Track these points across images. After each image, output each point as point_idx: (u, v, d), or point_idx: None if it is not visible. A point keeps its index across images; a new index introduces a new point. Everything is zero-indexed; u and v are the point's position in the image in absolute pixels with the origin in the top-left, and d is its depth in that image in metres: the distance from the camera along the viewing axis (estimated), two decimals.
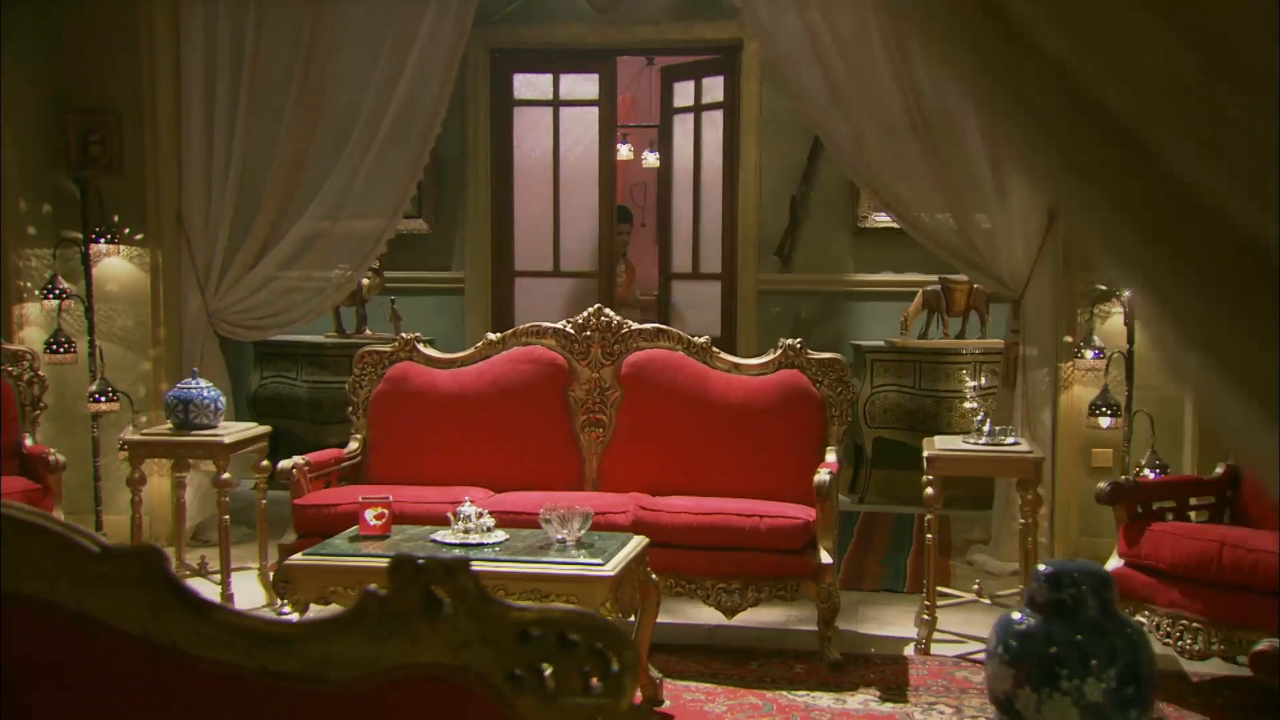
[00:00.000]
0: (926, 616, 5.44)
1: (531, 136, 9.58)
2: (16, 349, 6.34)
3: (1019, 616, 2.13)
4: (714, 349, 6.03)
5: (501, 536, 4.65)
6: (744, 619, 5.43)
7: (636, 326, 6.08)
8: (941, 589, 5.67)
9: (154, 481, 6.79)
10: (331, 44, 7.24)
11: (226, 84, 7.26)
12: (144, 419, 7.11)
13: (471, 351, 6.23)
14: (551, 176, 9.53)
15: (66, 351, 6.94)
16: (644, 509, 5.42)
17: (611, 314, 6.10)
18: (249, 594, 6.02)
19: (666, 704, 4.74)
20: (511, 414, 6.04)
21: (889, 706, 4.75)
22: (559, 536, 4.55)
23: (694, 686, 4.92)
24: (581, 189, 9.48)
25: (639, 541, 4.74)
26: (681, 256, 9.61)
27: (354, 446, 6.09)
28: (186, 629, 1.64)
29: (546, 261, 9.56)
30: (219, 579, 6.00)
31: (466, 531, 4.61)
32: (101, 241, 7.20)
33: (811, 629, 5.47)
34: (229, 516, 5.99)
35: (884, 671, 5.16)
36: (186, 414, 5.87)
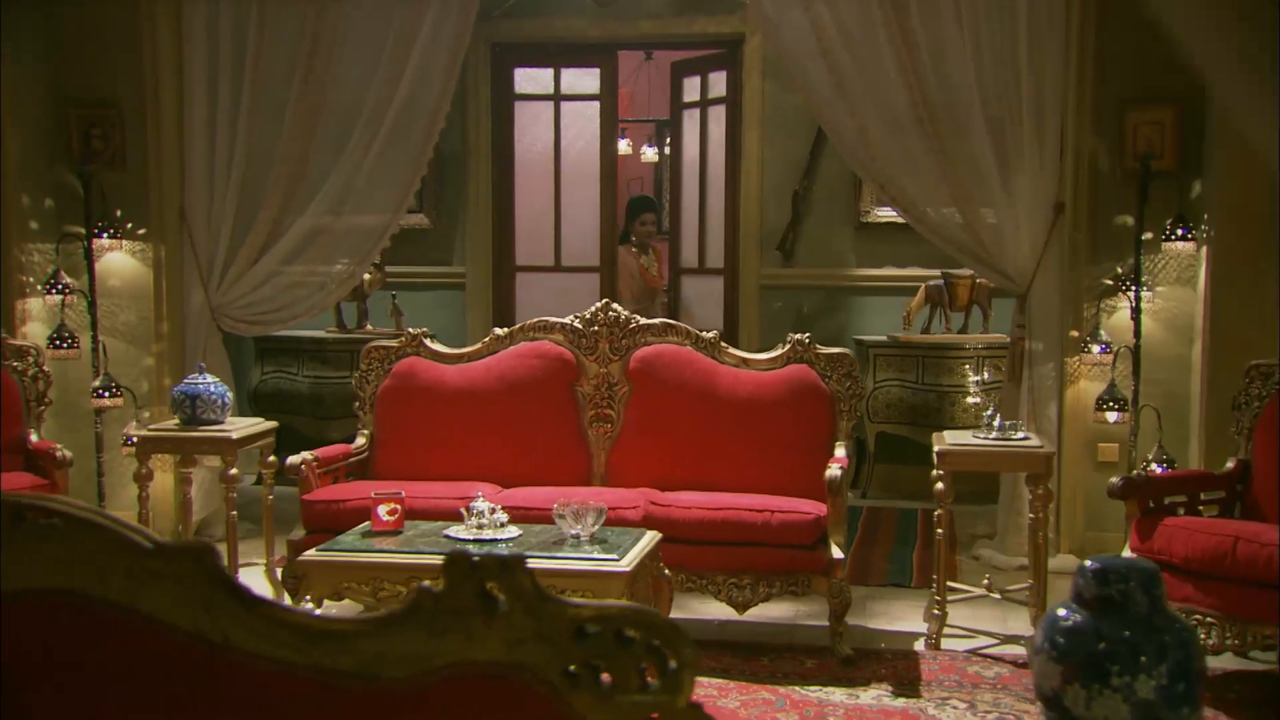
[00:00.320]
0: (937, 611, 5.44)
1: (532, 131, 9.56)
2: (21, 344, 6.32)
3: (1064, 613, 2.12)
4: (722, 344, 6.01)
5: (515, 532, 4.64)
6: (752, 614, 5.42)
7: (644, 321, 6.06)
8: (950, 584, 5.66)
9: (158, 477, 6.76)
10: (334, 40, 7.21)
11: (229, 79, 7.24)
12: (147, 414, 7.09)
13: (479, 346, 6.21)
14: (552, 171, 9.51)
15: (70, 347, 6.91)
16: (654, 504, 5.41)
17: (619, 309, 6.09)
18: (256, 590, 5.97)
19: None
20: (519, 409, 6.01)
21: (902, 702, 4.75)
22: (573, 532, 4.54)
23: (706, 682, 4.91)
24: (582, 184, 9.46)
25: (652, 537, 4.74)
26: (689, 251, 9.61)
27: (361, 442, 6.06)
28: (238, 625, 1.63)
29: (547, 256, 9.54)
30: None
31: (480, 527, 4.59)
32: (104, 236, 7.17)
33: (820, 624, 5.47)
34: (236, 512, 5.97)
35: (895, 667, 5.15)
36: (194, 409, 5.85)
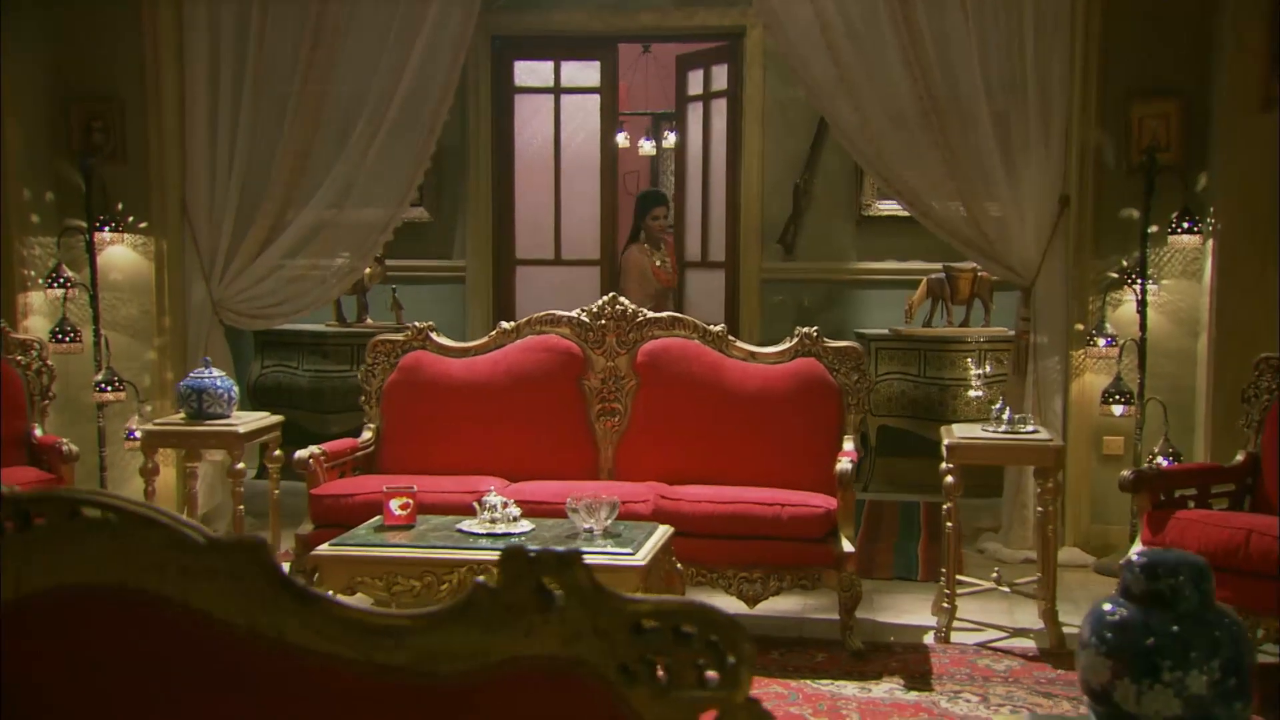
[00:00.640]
0: (946, 605, 5.44)
1: (532, 124, 9.54)
2: (25, 338, 6.28)
3: (1110, 607, 2.11)
4: (730, 337, 6.00)
5: (528, 526, 4.63)
6: (761, 608, 5.41)
7: (651, 315, 6.05)
8: (958, 577, 5.65)
9: (161, 472, 6.72)
10: (337, 32, 7.18)
11: (231, 71, 7.21)
12: (149, 408, 7.07)
13: (485, 340, 6.19)
14: (553, 164, 9.49)
15: (72, 341, 6.89)
16: (664, 498, 5.40)
17: (626, 302, 6.07)
18: None
19: None
20: (526, 403, 6.00)
21: (914, 695, 4.75)
22: (586, 526, 4.53)
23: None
24: (583, 177, 9.44)
25: (665, 531, 4.73)
26: (693, 245, 9.60)
27: (368, 436, 6.04)
28: (293, 621, 1.61)
29: (548, 250, 9.53)
30: None
31: (493, 521, 4.58)
32: (105, 230, 7.14)
33: (828, 617, 5.46)
34: (243, 506, 5.96)
35: (906, 660, 5.15)
36: (200, 403, 5.83)
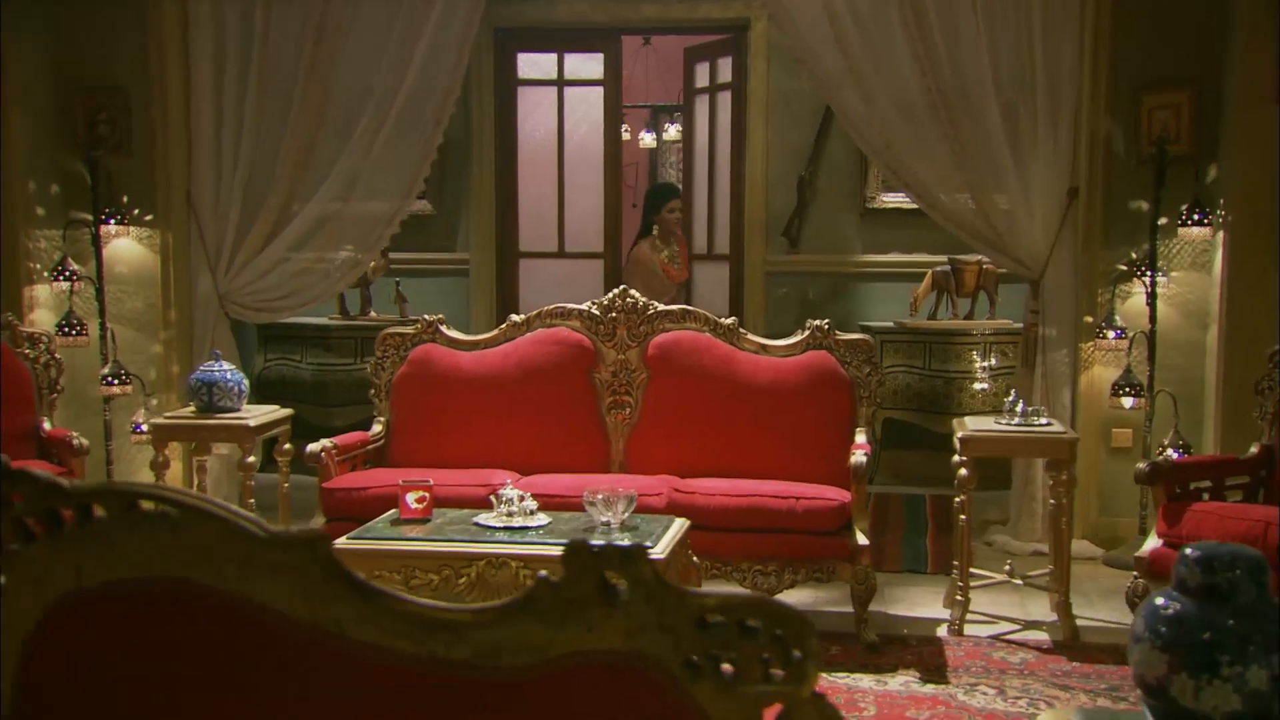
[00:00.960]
0: (960, 597, 5.43)
1: (535, 117, 9.51)
2: (33, 331, 6.25)
3: (1163, 601, 2.10)
4: (741, 330, 5.99)
5: (544, 520, 4.61)
6: None
7: (662, 308, 6.03)
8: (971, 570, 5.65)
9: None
10: (342, 25, 7.15)
11: (236, 64, 7.18)
12: (155, 402, 7.04)
13: (495, 333, 6.18)
14: (556, 157, 9.46)
15: (78, 334, 6.86)
16: (678, 491, 5.39)
17: (637, 295, 6.06)
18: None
19: None
20: (536, 396, 5.98)
21: (931, 688, 4.74)
22: (604, 519, 4.51)
23: None
24: (586, 169, 9.41)
25: (682, 524, 4.72)
26: (699, 238, 9.58)
27: (378, 429, 6.02)
28: (353, 615, 1.60)
29: (551, 243, 9.50)
30: None
31: (510, 515, 4.57)
32: (111, 223, 7.11)
33: (841, 610, 5.46)
34: (254, 500, 5.94)
35: (921, 653, 5.15)
36: (210, 397, 5.81)
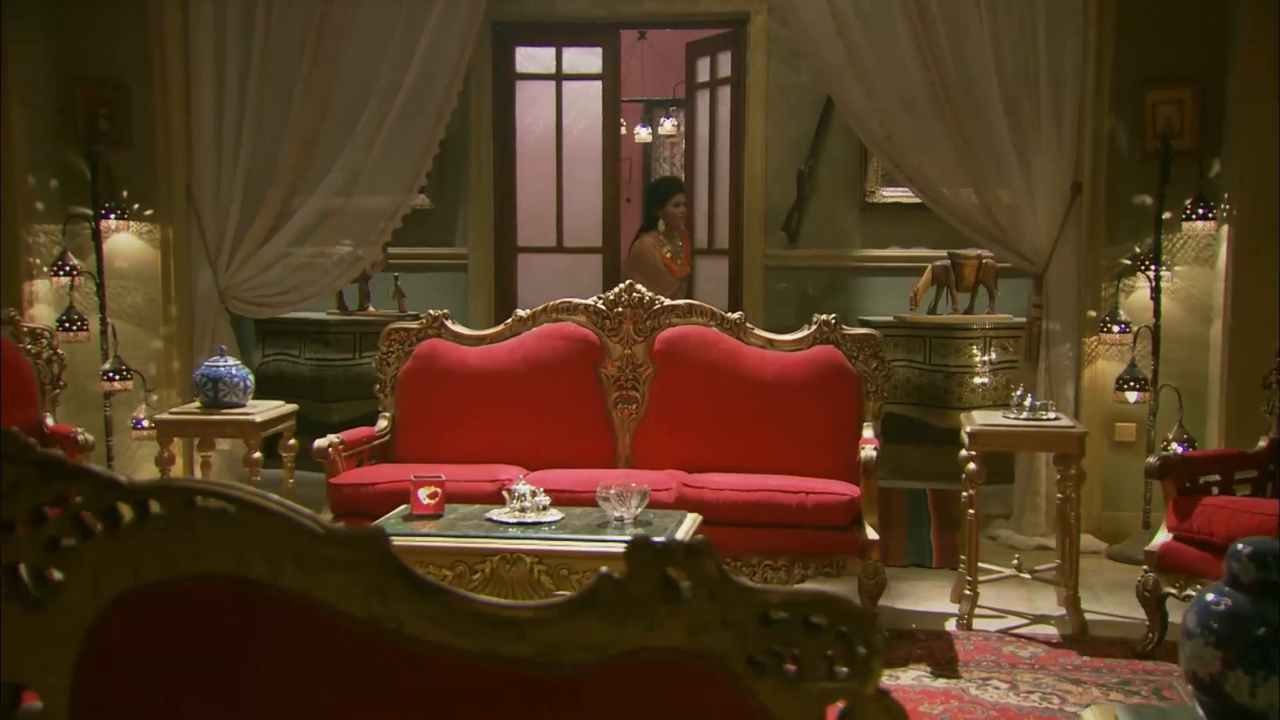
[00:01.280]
0: (968, 592, 5.43)
1: (534, 111, 9.48)
2: (36, 327, 6.22)
3: (1214, 597, 2.09)
4: (748, 325, 5.98)
5: (557, 515, 4.60)
6: None
7: (669, 302, 6.02)
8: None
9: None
10: (343, 19, 7.12)
11: (237, 58, 7.14)
12: (155, 397, 7.02)
13: (501, 328, 6.16)
14: (554, 151, 9.44)
15: (79, 329, 6.82)
16: (688, 486, 5.37)
17: (643, 290, 6.04)
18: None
19: None
20: (542, 391, 5.97)
21: (943, 683, 4.74)
22: (617, 514, 4.50)
23: None
24: (585, 164, 9.39)
25: (694, 519, 4.72)
26: (701, 232, 9.56)
27: (383, 425, 5.99)
28: (412, 612, 1.58)
29: (549, 237, 9.47)
30: None
31: (523, 510, 4.56)
32: (111, 218, 7.07)
33: None
34: None
35: (931, 647, 5.15)
36: (216, 392, 5.79)
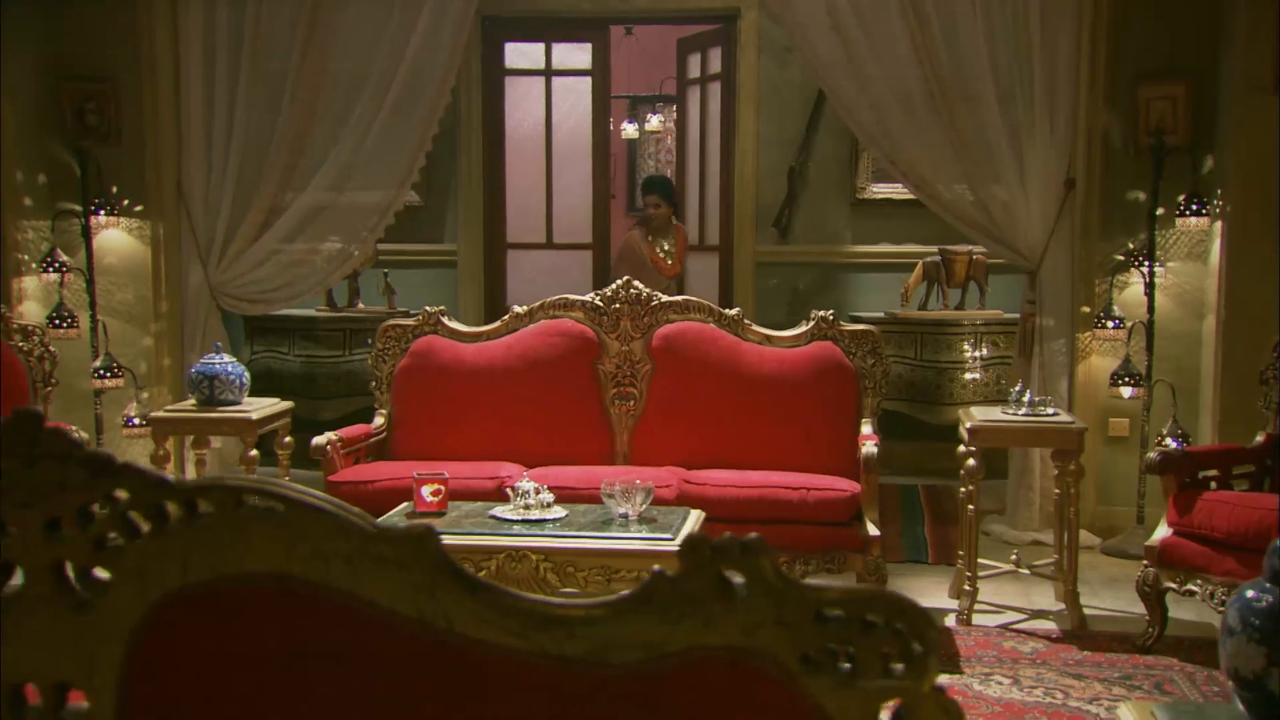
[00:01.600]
0: (968, 587, 5.43)
1: (523, 106, 9.45)
2: (28, 324, 6.16)
3: (1254, 594, 2.09)
4: (746, 321, 5.97)
5: (561, 512, 4.57)
6: None
7: (666, 299, 6.01)
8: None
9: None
10: (335, 11, 7.08)
11: (227, 52, 7.09)
12: (146, 395, 6.97)
13: (498, 325, 6.13)
14: (544, 147, 9.41)
15: (69, 326, 6.77)
16: (688, 483, 5.36)
17: (640, 286, 6.02)
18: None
19: None
20: (540, 388, 5.94)
21: (945, 678, 4.73)
22: (621, 511, 4.48)
23: None
24: (575, 160, 9.36)
25: (698, 515, 4.70)
26: (690, 229, 9.53)
27: (379, 422, 5.96)
28: (463, 611, 1.57)
29: (539, 233, 9.45)
30: None
31: (527, 507, 4.53)
32: (100, 214, 7.02)
33: None
34: None
35: None
36: (212, 390, 5.74)
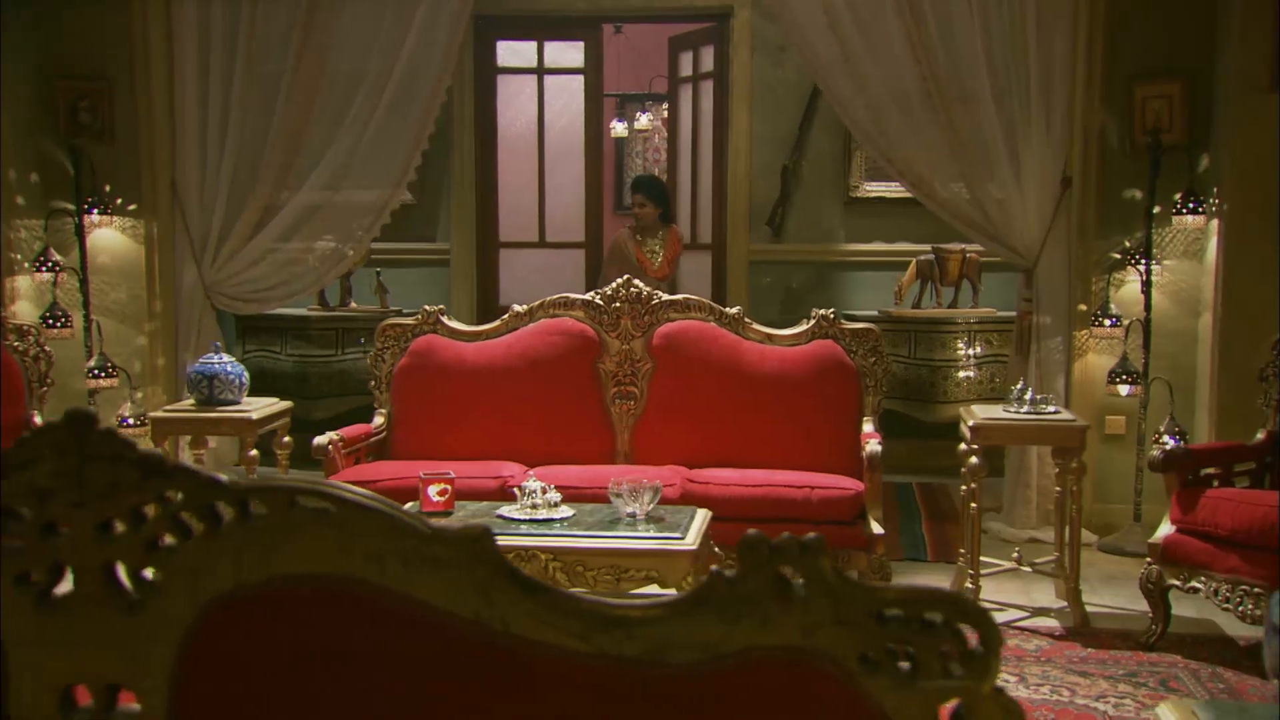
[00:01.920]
0: (970, 585, 5.44)
1: (515, 105, 9.43)
2: (23, 324, 6.12)
3: None
4: (746, 319, 5.96)
5: (568, 512, 4.56)
6: None
7: (667, 298, 6.00)
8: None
9: None
10: (331, 9, 7.05)
11: (222, 51, 7.05)
12: (140, 395, 6.93)
13: (498, 324, 6.11)
14: (536, 146, 9.39)
15: (63, 326, 6.73)
16: (692, 481, 5.35)
17: (641, 285, 6.02)
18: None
19: None
20: (541, 387, 5.93)
21: None
22: (629, 510, 4.47)
23: None
24: (567, 159, 9.35)
25: (705, 514, 4.68)
26: (684, 227, 9.52)
27: (379, 421, 5.94)
28: (520, 612, 1.55)
29: (531, 232, 9.43)
30: None
31: (534, 507, 4.52)
32: (94, 212, 6.98)
33: None
34: None
35: None
36: (211, 389, 5.71)
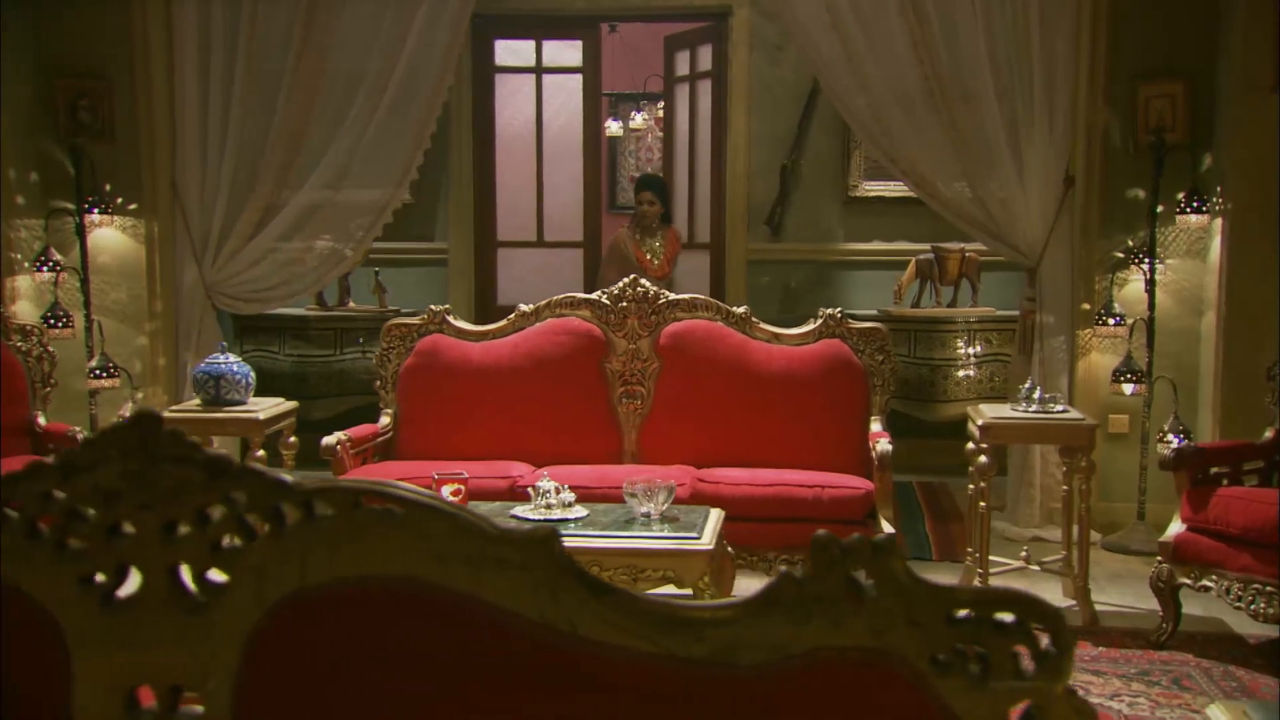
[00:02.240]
0: (980, 584, 5.44)
1: (513, 104, 9.42)
2: (26, 324, 6.08)
3: None
4: (754, 319, 5.95)
5: (582, 512, 4.54)
6: None
7: (674, 297, 5.99)
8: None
9: None
10: (331, 8, 7.01)
11: (222, 50, 7.01)
12: (141, 395, 6.89)
13: (504, 324, 6.09)
14: (534, 145, 9.37)
15: (65, 326, 6.69)
16: (702, 481, 5.34)
17: (647, 284, 6.00)
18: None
19: None
20: (547, 387, 5.91)
21: None
22: (643, 510, 4.45)
23: None
24: (565, 158, 9.34)
25: (719, 514, 4.67)
26: (682, 227, 9.50)
27: (386, 421, 5.92)
28: (587, 613, 1.54)
29: (530, 232, 9.41)
30: None
31: (548, 507, 4.50)
32: (94, 212, 6.94)
33: None
34: None
35: None
36: (218, 390, 5.67)
